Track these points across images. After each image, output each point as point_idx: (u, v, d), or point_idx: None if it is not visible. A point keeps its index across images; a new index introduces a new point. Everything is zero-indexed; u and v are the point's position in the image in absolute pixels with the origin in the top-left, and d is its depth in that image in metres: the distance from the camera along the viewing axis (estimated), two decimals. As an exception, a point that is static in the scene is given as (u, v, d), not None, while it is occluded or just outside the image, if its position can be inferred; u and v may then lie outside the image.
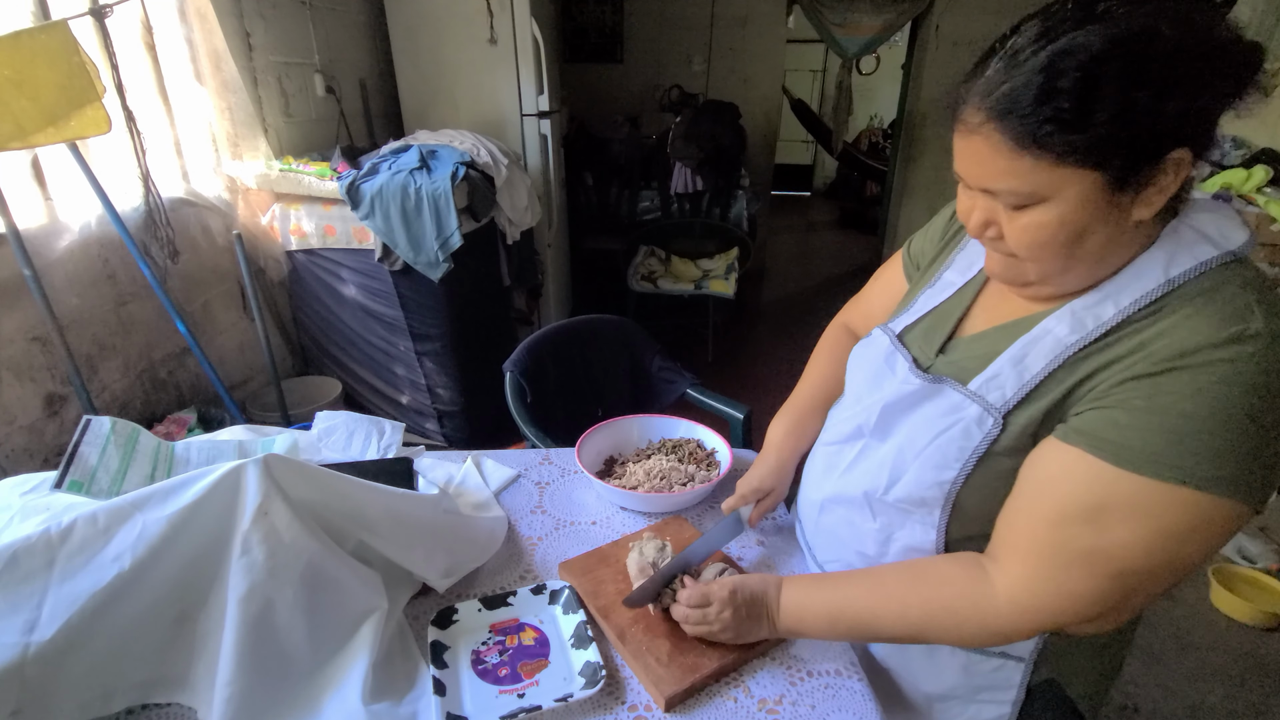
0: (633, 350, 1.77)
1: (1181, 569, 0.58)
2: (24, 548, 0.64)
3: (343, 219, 2.24)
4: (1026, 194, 0.56)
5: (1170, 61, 0.50)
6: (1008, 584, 0.62)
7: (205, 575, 0.71)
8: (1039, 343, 0.63)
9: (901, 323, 0.81)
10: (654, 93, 4.67)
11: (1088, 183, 0.54)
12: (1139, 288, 0.59)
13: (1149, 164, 0.53)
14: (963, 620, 0.65)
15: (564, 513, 1.06)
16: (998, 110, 0.55)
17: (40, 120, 1.28)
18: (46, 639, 0.63)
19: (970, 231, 0.64)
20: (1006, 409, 0.63)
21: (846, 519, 0.80)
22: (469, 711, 0.71)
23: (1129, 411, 0.56)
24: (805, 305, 4.67)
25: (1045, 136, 0.53)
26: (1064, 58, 0.51)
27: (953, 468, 0.66)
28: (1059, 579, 0.59)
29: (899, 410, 0.73)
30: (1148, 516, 0.56)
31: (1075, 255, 0.59)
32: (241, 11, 2.21)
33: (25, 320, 1.59)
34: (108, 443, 0.81)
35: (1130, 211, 0.56)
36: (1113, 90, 0.50)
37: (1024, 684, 0.74)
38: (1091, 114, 0.51)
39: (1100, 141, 0.52)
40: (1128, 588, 0.58)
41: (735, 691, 0.75)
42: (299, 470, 0.75)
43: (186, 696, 0.72)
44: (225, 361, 2.27)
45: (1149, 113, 0.50)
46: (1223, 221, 0.60)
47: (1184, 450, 0.54)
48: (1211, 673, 1.78)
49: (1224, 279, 0.56)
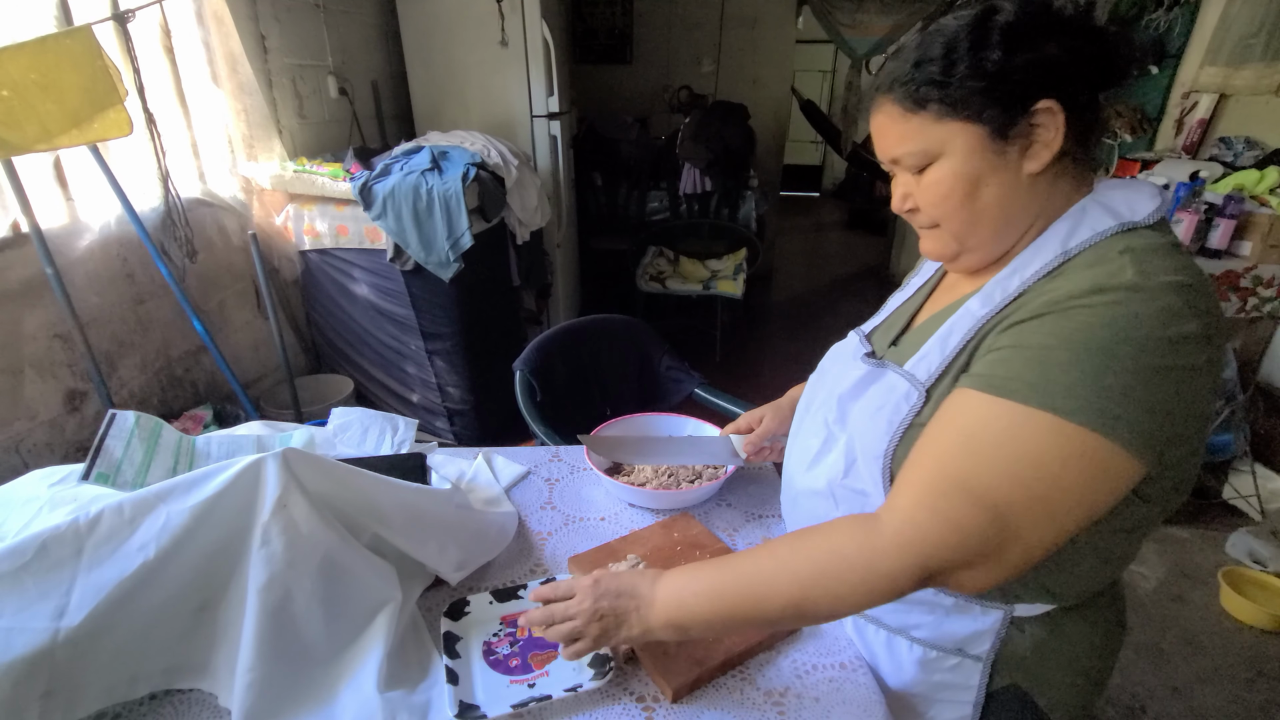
0: (641, 350, 1.78)
1: (1057, 512, 0.57)
2: (53, 537, 0.66)
3: (355, 219, 2.27)
4: (921, 152, 0.66)
5: (1010, 28, 0.61)
6: (892, 519, 0.61)
7: (226, 565, 0.73)
8: (960, 320, 0.68)
9: (871, 324, 0.89)
10: (663, 93, 4.69)
11: (970, 134, 0.63)
12: (1040, 260, 0.64)
13: (1019, 113, 0.61)
14: (852, 565, 0.62)
15: (573, 508, 1.08)
16: (887, 85, 0.67)
17: (65, 123, 1.31)
18: (75, 624, 0.65)
19: (894, 208, 0.73)
20: (930, 382, 0.68)
21: (814, 511, 0.82)
22: (481, 700, 0.73)
23: (1000, 350, 0.62)
24: (813, 306, 4.67)
25: (923, 97, 0.64)
26: (931, 36, 0.64)
27: (883, 440, 0.70)
28: (939, 506, 0.59)
29: (850, 397, 0.77)
30: (1014, 440, 0.57)
31: (976, 210, 0.66)
32: (257, 15, 2.25)
33: (47, 318, 1.62)
34: (132, 436, 0.84)
35: (1020, 164, 0.63)
36: (967, 53, 0.61)
37: (983, 685, 0.73)
38: (953, 73, 0.62)
39: (966, 94, 0.62)
40: (1005, 526, 0.57)
41: (741, 683, 0.76)
42: (316, 464, 0.77)
43: (208, 683, 0.74)
44: (240, 359, 2.31)
45: (999, 66, 0.61)
46: (1134, 196, 0.65)
47: (1043, 378, 0.57)
48: (1219, 675, 1.77)
49: (1112, 245, 0.61)
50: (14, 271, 1.54)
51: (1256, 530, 2.22)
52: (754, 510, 1.06)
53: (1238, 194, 2.24)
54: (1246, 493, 2.35)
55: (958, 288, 0.76)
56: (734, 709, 0.73)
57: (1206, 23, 2.79)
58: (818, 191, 8.71)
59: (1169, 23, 2.95)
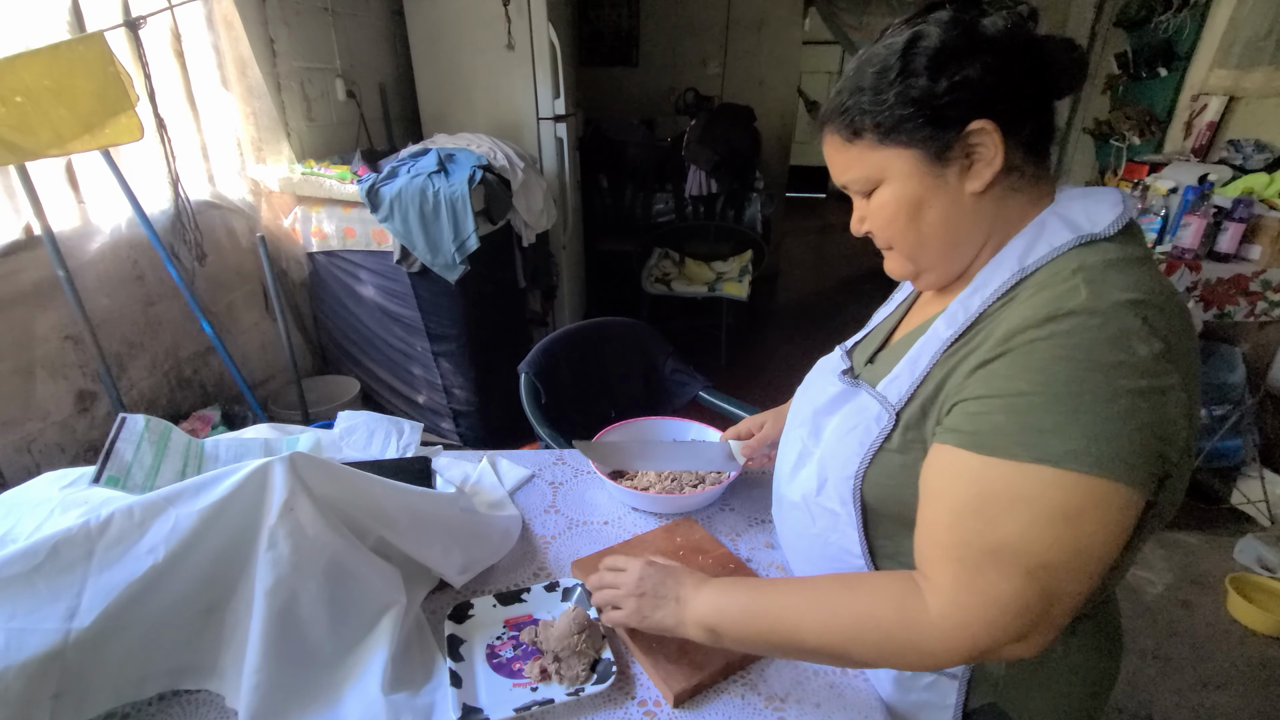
0: (646, 352, 1.79)
1: (1090, 563, 0.55)
2: (65, 539, 0.67)
3: (362, 221, 2.29)
4: (865, 179, 0.67)
5: (936, 53, 0.61)
6: (937, 600, 0.59)
7: (234, 568, 0.74)
8: (929, 342, 0.67)
9: (854, 339, 0.89)
10: (669, 95, 4.69)
11: (907, 159, 0.64)
12: (999, 278, 0.63)
13: (953, 136, 0.62)
14: (891, 637, 0.61)
15: (577, 512, 1.08)
16: (829, 115, 0.68)
17: (77, 128, 1.33)
18: (86, 626, 0.66)
19: (854, 231, 0.74)
20: (900, 405, 0.68)
21: (795, 524, 0.82)
22: (484, 703, 0.74)
23: (975, 399, 0.59)
24: (819, 308, 4.66)
25: (858, 125, 0.65)
26: (863, 65, 0.65)
27: (854, 462, 0.70)
28: (977, 583, 0.57)
29: (824, 413, 0.78)
30: (1024, 501, 0.55)
31: (922, 230, 0.67)
32: (266, 19, 2.27)
33: (58, 319, 1.64)
34: (142, 440, 0.85)
35: (962, 185, 0.64)
36: (896, 79, 0.62)
37: (959, 705, 0.71)
38: (883, 101, 0.63)
39: (897, 121, 0.62)
40: (1046, 589, 0.55)
41: (743, 689, 0.77)
42: (323, 468, 0.77)
43: (215, 684, 0.75)
44: (248, 360, 2.33)
45: (926, 91, 0.61)
46: (1093, 205, 0.63)
47: (1025, 428, 0.55)
48: (1226, 681, 1.76)
49: (1066, 263, 0.59)
50: (26, 273, 1.56)
51: (1265, 536, 2.20)
52: (756, 515, 1.07)
53: (1247, 197, 2.22)
54: (1255, 498, 2.34)
55: (929, 306, 0.76)
56: (735, 714, 0.74)
57: (1216, 25, 2.77)
58: (824, 193, 8.70)
59: (1178, 25, 2.94)
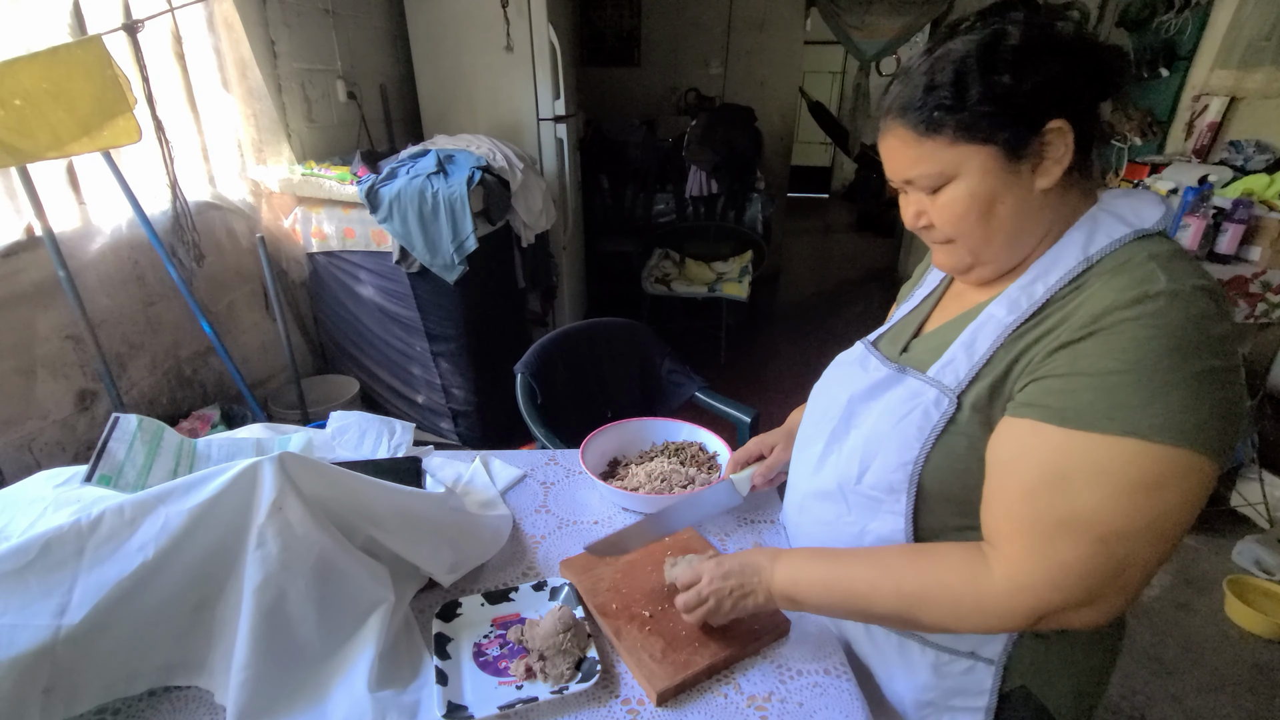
0: (642, 352, 1.79)
1: (1165, 532, 0.59)
2: (56, 537, 0.68)
3: (362, 222, 2.30)
4: (936, 174, 0.67)
5: (1019, 52, 0.62)
6: (1002, 564, 0.64)
7: (223, 566, 0.75)
8: (984, 327, 0.70)
9: (876, 333, 0.90)
10: (670, 96, 4.70)
11: (984, 156, 0.64)
12: (1062, 267, 0.66)
13: (1030, 133, 0.63)
14: (958, 596, 0.65)
15: (567, 512, 1.09)
16: (899, 109, 0.67)
17: (76, 130, 1.34)
18: (76, 622, 0.67)
19: (907, 225, 0.74)
20: (960, 389, 0.69)
21: (822, 517, 0.82)
22: (469, 701, 0.74)
23: (1060, 378, 0.62)
24: (820, 309, 4.66)
25: (936, 121, 0.65)
26: (940, 61, 0.65)
27: (913, 449, 0.70)
28: (1046, 551, 0.61)
29: (863, 399, 0.79)
30: (1106, 473, 0.58)
31: (992, 226, 0.68)
32: (267, 20, 2.28)
33: (59, 319, 1.66)
34: (134, 439, 0.86)
35: (1033, 181, 0.65)
36: (978, 78, 0.62)
37: (995, 689, 0.74)
38: (965, 97, 0.63)
39: (978, 118, 0.63)
40: (1116, 557, 0.59)
41: (726, 688, 0.77)
42: (312, 467, 0.78)
43: (204, 680, 0.76)
44: (248, 360, 2.34)
45: (1009, 90, 0.62)
46: (1138, 204, 0.67)
47: (1114, 403, 0.58)
48: (1222, 684, 1.76)
49: (1133, 252, 0.63)
50: (27, 274, 1.58)
51: (1264, 538, 2.19)
52: (746, 516, 1.07)
53: (1247, 198, 2.22)
54: (1254, 500, 2.33)
55: (967, 295, 0.78)
56: (718, 713, 0.74)
57: (1218, 25, 2.76)
58: (826, 193, 8.69)
59: (1180, 25, 2.93)
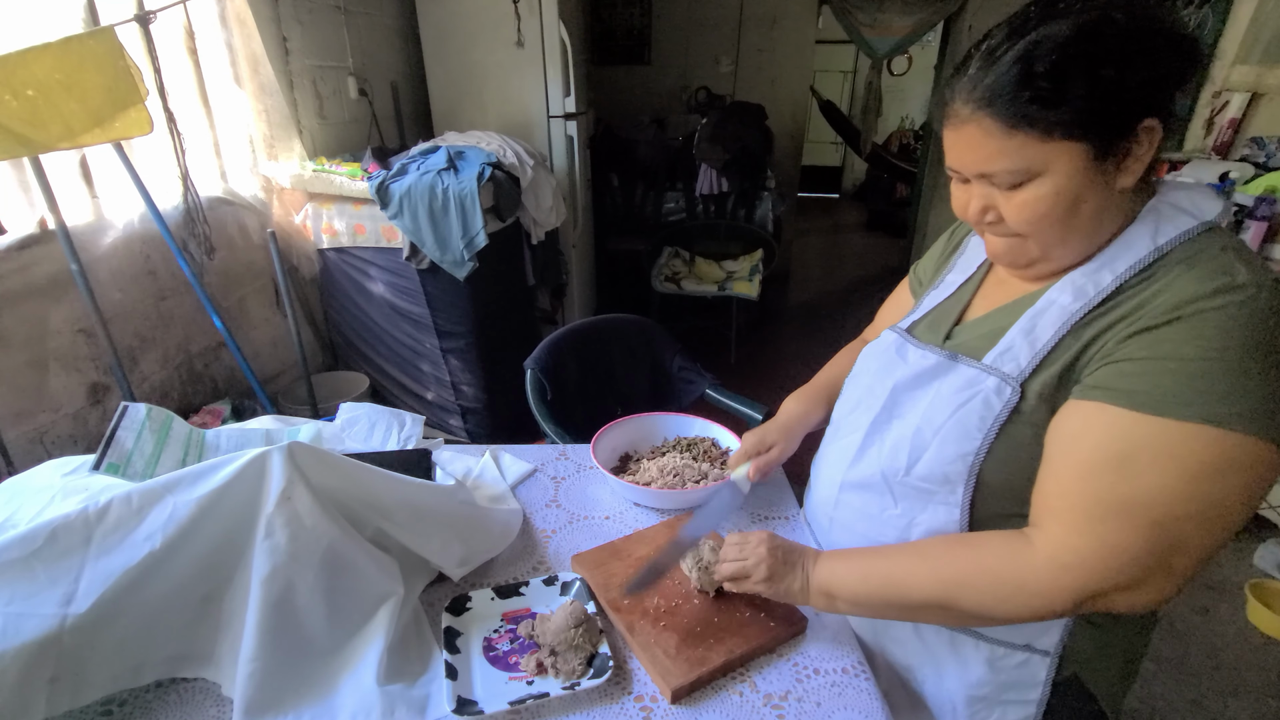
0: (653, 350, 1.78)
1: (1222, 519, 0.57)
2: (63, 525, 0.68)
3: (372, 218, 2.30)
4: (1021, 171, 0.62)
5: (1126, 41, 0.57)
6: (1047, 543, 0.62)
7: (231, 556, 0.74)
8: (1045, 313, 0.67)
9: (909, 320, 0.86)
10: (681, 94, 4.68)
11: (1076, 154, 0.60)
12: (1131, 256, 0.64)
13: (1126, 132, 0.60)
14: (1000, 578, 0.63)
15: (578, 507, 1.08)
16: (985, 99, 0.61)
17: (88, 121, 1.34)
18: (83, 612, 0.66)
19: (970, 219, 0.70)
20: (1022, 377, 0.67)
21: (863, 509, 0.80)
22: (479, 696, 0.73)
23: (1136, 362, 0.60)
24: (830, 308, 4.62)
25: (1031, 115, 0.59)
26: (1037, 47, 0.58)
27: (974, 439, 0.68)
28: (1097, 531, 0.59)
29: (909, 387, 0.76)
30: (1172, 458, 0.57)
31: (1071, 225, 0.64)
32: (279, 16, 2.28)
33: (72, 313, 1.66)
34: (143, 428, 0.85)
35: (1115, 179, 0.62)
36: (1082, 69, 0.57)
37: (1049, 680, 0.73)
38: (1067, 91, 0.58)
39: (1080, 115, 0.58)
40: (1169, 539, 0.57)
41: (741, 686, 0.75)
42: (322, 458, 0.77)
43: (211, 672, 0.75)
44: (258, 355, 2.35)
45: (1116, 85, 0.57)
46: (1196, 196, 0.66)
47: (1193, 390, 0.57)
48: (1243, 689, 1.72)
49: (1205, 243, 0.62)
50: (40, 268, 1.58)
51: (1286, 542, 2.15)
52: (759, 511, 1.05)
53: (1270, 195, 2.17)
54: (1276, 503, 2.28)
55: (1012, 282, 0.75)
56: (733, 712, 0.72)
57: (1239, 21, 2.72)
58: (837, 193, 8.64)
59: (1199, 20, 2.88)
